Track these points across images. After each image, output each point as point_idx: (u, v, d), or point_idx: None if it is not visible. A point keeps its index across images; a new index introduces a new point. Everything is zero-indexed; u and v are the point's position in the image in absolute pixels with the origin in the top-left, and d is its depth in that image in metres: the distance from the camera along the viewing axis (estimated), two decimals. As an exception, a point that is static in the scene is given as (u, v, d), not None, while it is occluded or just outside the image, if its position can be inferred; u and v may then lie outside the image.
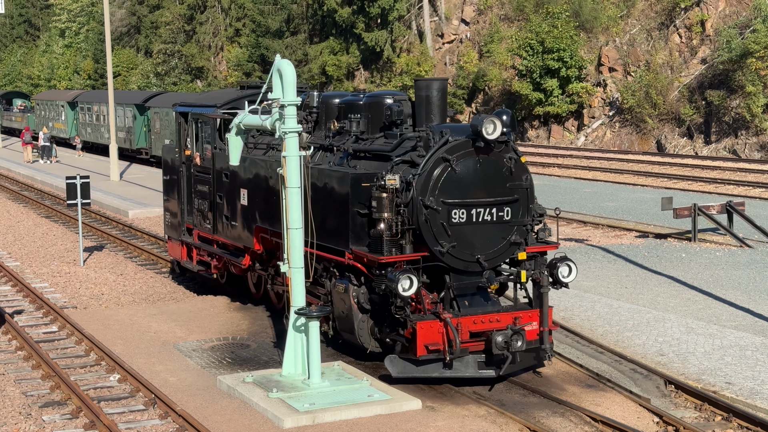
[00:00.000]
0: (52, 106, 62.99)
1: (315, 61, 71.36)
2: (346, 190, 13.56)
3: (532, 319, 13.34)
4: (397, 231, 12.98)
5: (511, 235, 13.49)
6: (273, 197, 15.23)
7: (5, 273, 21.48)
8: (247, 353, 15.32)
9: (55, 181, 38.10)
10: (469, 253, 13.19)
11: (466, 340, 12.86)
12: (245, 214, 16.62)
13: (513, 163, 13.40)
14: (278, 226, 14.67)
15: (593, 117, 52.43)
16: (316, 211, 13.78)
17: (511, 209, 13.42)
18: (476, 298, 13.44)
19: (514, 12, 59.82)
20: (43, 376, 14.30)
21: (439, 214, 12.95)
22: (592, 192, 33.01)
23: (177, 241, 19.93)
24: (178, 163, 19.47)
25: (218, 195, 17.71)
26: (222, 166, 17.38)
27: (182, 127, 19.27)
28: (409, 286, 12.49)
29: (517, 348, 12.78)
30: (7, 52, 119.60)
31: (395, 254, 12.98)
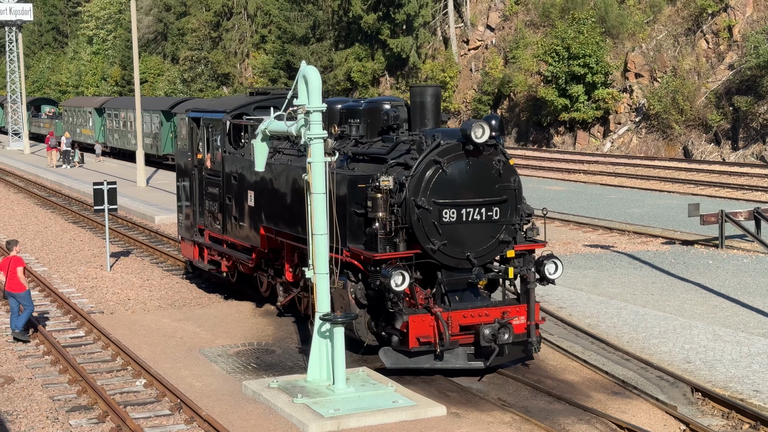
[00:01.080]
0: (79, 112, 63.46)
1: (340, 67, 71.48)
2: (344, 191, 14.22)
3: (520, 314, 13.94)
4: (391, 229, 13.68)
5: (500, 234, 14.12)
6: (277, 199, 16.17)
7: (33, 278, 21.63)
8: (272, 359, 15.35)
9: (83, 187, 38.36)
10: (460, 251, 13.83)
11: (456, 333, 13.54)
12: (252, 214, 17.32)
13: (501, 166, 14.07)
14: (282, 226, 15.93)
15: (619, 123, 52.18)
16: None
17: (500, 209, 14.08)
18: (466, 293, 14.08)
19: (539, 18, 59.68)
20: (70, 380, 14.39)
21: (430, 213, 13.61)
22: (618, 198, 32.86)
23: (189, 241, 20.55)
24: (191, 166, 20.14)
25: (227, 197, 18.37)
26: (231, 169, 18.13)
27: (194, 132, 19.90)
28: (402, 282, 13.13)
29: (504, 340, 13.45)
30: (35, 59, 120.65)
31: (389, 251, 13.64)
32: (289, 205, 15.87)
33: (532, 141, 56.55)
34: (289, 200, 15.90)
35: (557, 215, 28.81)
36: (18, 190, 41.28)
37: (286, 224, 16.02)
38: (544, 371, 14.56)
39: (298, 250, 15.90)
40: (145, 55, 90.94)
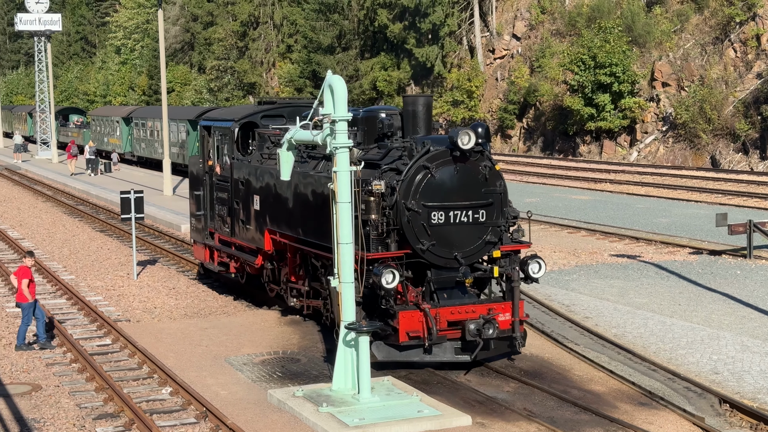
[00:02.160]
0: (107, 121, 63.91)
1: (366, 76, 71.61)
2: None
3: (505, 311, 14.68)
4: (383, 231, 14.46)
5: (486, 235, 14.89)
6: (280, 203, 17.16)
7: (61, 286, 21.79)
8: (297, 367, 15.37)
9: (110, 195, 38.61)
10: (448, 251, 14.60)
11: (444, 329, 14.26)
12: (258, 218, 18.22)
13: (488, 171, 14.85)
14: (285, 229, 17.02)
15: (646, 132, 51.94)
16: (316, 214, 15.64)
17: (486, 212, 14.85)
18: (454, 291, 14.83)
19: (565, 27, 59.54)
20: (97, 388, 14.46)
21: (420, 215, 14.40)
22: (644, 208, 32.68)
23: (201, 244, 21.44)
24: (202, 172, 21.06)
25: (235, 201, 19.26)
26: (238, 175, 19.02)
27: (206, 140, 20.79)
28: (392, 280, 13.86)
29: (488, 335, 14.18)
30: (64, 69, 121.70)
31: (381, 251, 14.40)
32: (291, 208, 16.76)
33: (558, 150, 56.38)
34: (291, 204, 16.77)
35: (583, 224, 28.71)
36: (46, 199, 41.61)
37: (288, 227, 16.95)
38: (570, 381, 14.49)
39: (300, 251, 16.78)
40: (172, 64, 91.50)
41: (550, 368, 15.17)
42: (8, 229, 31.89)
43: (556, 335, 16.84)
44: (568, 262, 23.57)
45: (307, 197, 16.15)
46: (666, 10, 54.21)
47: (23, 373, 15.39)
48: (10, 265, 25.05)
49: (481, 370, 15.02)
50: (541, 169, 47.56)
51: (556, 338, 16.67)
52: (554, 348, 16.30)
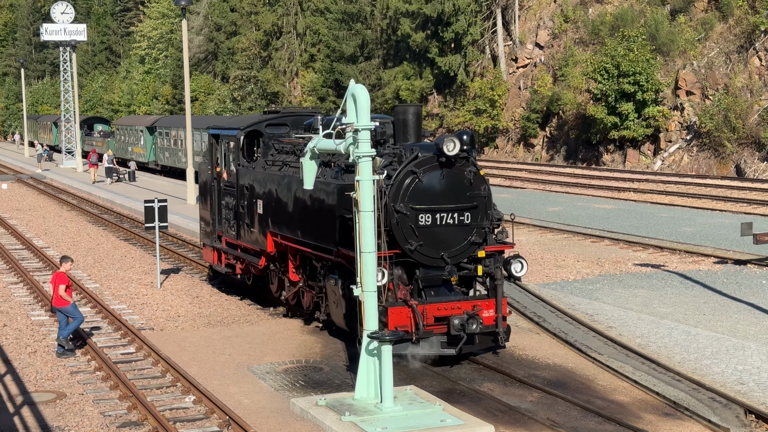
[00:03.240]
0: (131, 131, 64.31)
1: (389, 85, 71.69)
2: (334, 198, 16.00)
3: (489, 307, 15.45)
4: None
5: (471, 236, 15.70)
6: (282, 207, 18.19)
7: (85, 294, 21.92)
8: (320, 376, 15.37)
9: (134, 204, 38.82)
10: (435, 251, 15.41)
11: (431, 324, 15.05)
12: (261, 221, 19.24)
13: (473, 176, 15.59)
14: (285, 231, 18.04)
15: (670, 141, 51.68)
16: (314, 218, 16.73)
17: (471, 214, 15.62)
18: (441, 288, 15.64)
19: (589, 36, 59.40)
20: (121, 396, 14.52)
21: (408, 217, 15.25)
22: (668, 217, 32.50)
23: (210, 247, 22.45)
24: (210, 179, 22.11)
25: (241, 206, 20.28)
26: (244, 180, 20.05)
27: (214, 147, 21.84)
28: (382, 278, 14.61)
29: (472, 330, 14.97)
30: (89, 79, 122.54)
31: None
32: (291, 212, 17.79)
33: (581, 159, 56.20)
34: (291, 208, 17.81)
35: (606, 233, 28.59)
36: (71, 208, 41.89)
37: (289, 229, 17.96)
38: (594, 391, 14.42)
39: (299, 252, 17.86)
40: (196, 74, 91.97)
41: (574, 378, 15.11)
42: (33, 237, 32.12)
43: (580, 345, 16.77)
44: (592, 271, 23.48)
45: (306, 201, 17.09)
46: (690, 19, 53.98)
47: (48, 381, 15.48)
48: (35, 273, 25.23)
49: (504, 380, 14.99)
50: (564, 178, 47.42)
51: (580, 348, 16.61)
52: (577, 357, 16.23)
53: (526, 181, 46.97)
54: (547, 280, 22.50)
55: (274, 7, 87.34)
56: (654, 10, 54.97)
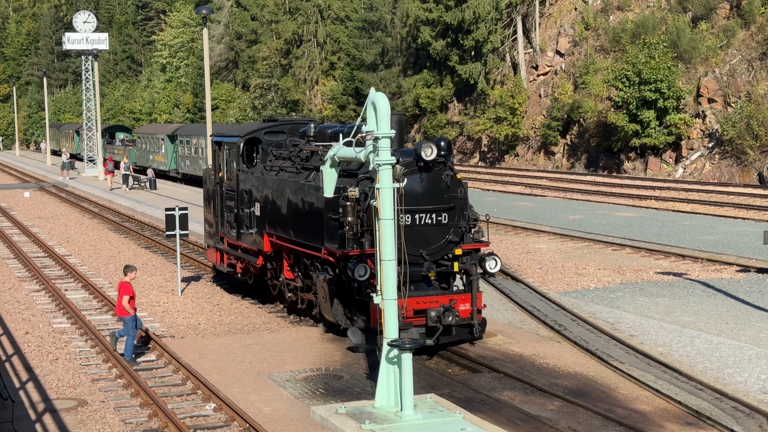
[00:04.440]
0: (152, 139, 64.59)
1: (409, 93, 71.76)
2: (322, 200, 17.06)
3: (465, 301, 16.56)
4: (357, 231, 16.43)
5: (449, 235, 16.79)
6: (276, 209, 19.47)
7: (106, 302, 22.01)
8: (340, 384, 15.36)
9: (155, 212, 38.97)
10: (415, 249, 16.23)
11: (411, 316, 16.00)
12: (258, 222, 20.49)
13: (450, 179, 16.65)
14: (280, 232, 19.32)
15: (692, 149, 51.43)
16: (306, 219, 17.95)
17: (448, 215, 16.73)
18: (421, 284, 16.59)
19: (609, 43, 59.24)
20: (142, 404, 14.56)
21: None
22: (690, 225, 32.31)
23: (213, 248, 23.63)
24: (213, 183, 23.34)
25: (241, 208, 21.52)
26: (243, 185, 21.31)
27: (217, 154, 23.07)
28: (365, 273, 15.83)
29: (448, 322, 16.00)
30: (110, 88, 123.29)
31: (356, 249, 16.45)
32: (285, 213, 19.03)
33: (602, 167, 56.02)
34: (284, 210, 19.05)
35: (627, 242, 28.47)
36: (93, 216, 42.10)
37: (283, 230, 19.22)
38: (615, 400, 14.34)
39: (293, 251, 19.06)
40: (217, 82, 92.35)
41: (595, 387, 15.03)
42: (55, 245, 32.29)
43: (601, 353, 16.69)
44: (613, 279, 23.38)
45: (298, 204, 18.41)
46: (712, 26, 53.74)
47: (69, 389, 15.53)
48: (57, 281, 25.36)
49: (525, 388, 14.93)
50: (584, 186, 47.26)
51: (601, 356, 16.52)
52: (599, 366, 16.15)
53: (546, 189, 46.85)
54: (568, 289, 22.41)
55: (295, 16, 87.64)
56: (675, 17, 54.77)
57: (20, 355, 17.74)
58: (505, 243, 29.53)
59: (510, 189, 48.20)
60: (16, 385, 15.67)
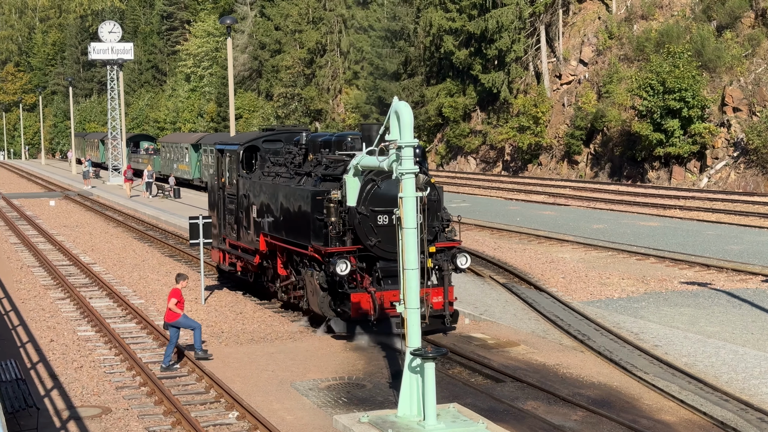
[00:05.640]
0: (176, 148, 64.88)
1: (432, 102, 71.78)
2: (308, 202, 18.92)
3: (438, 294, 18.18)
4: (340, 230, 18.15)
5: (423, 234, 17.15)
6: (271, 212, 21.08)
7: (131, 310, 22.11)
8: (362, 393, 15.35)
9: (179, 221, 39.13)
10: (392, 247, 17.25)
11: (388, 308, 17.52)
12: (255, 224, 22.08)
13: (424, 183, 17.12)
14: (274, 232, 20.92)
15: (717, 158, 51.15)
16: (296, 220, 19.53)
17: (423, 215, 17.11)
18: (397, 278, 16.96)
19: (633, 52, 59.04)
20: (165, 412, 14.60)
21: (368, 218, 18.08)
22: (715, 235, 32.11)
23: (217, 248, 25.11)
24: (217, 188, 24.99)
25: (240, 211, 23.17)
26: (243, 189, 22.95)
27: (220, 161, 24.69)
28: (345, 268, 17.63)
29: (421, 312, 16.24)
30: (135, 97, 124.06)
31: (339, 246, 18.13)
32: (278, 215, 20.66)
33: (626, 176, 55.78)
34: (277, 212, 20.68)
35: (652, 251, 28.32)
36: (117, 224, 42.33)
37: (276, 230, 20.81)
38: (640, 411, 14.25)
39: (286, 249, 20.57)
40: (241, 91, 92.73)
41: (619, 397, 14.95)
42: (80, 254, 32.48)
43: (625, 363, 16.60)
44: (637, 289, 23.26)
45: (289, 206, 20.01)
46: (737, 35, 53.47)
47: (94, 396, 15.61)
48: (81, 289, 25.51)
49: (548, 398, 14.87)
50: (608, 195, 47.08)
51: (625, 366, 16.44)
52: (622, 376, 16.06)
53: (569, 198, 46.70)
54: (592, 298, 22.32)
55: (318, 26, 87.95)
56: (700, 26, 54.53)
57: (45, 362, 17.85)
58: (528, 252, 29.45)
59: (533, 198, 48.09)
60: (41, 393, 15.76)
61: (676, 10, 59.29)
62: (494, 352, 17.86)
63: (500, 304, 22.04)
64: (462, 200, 47.26)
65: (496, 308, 21.52)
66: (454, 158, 72.92)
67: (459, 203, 45.13)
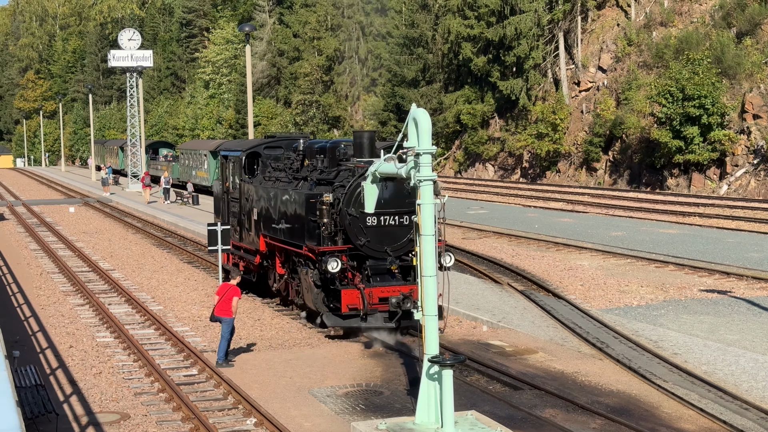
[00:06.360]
0: (195, 155, 65.09)
1: (450, 109, 71.77)
2: (303, 204, 20.04)
3: None
4: (332, 231, 19.22)
5: (410, 235, 18.92)
6: (269, 214, 22.22)
7: (149, 317, 22.18)
8: (380, 400, 15.34)
9: (198, 227, 39.25)
10: (380, 246, 19.22)
11: (376, 303, 18.75)
12: (256, 225, 23.29)
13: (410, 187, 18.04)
14: (273, 233, 22.01)
15: (736, 165, 50.89)
16: (293, 222, 20.63)
17: (409, 217, 18.97)
18: (385, 276, 19.36)
19: (653, 59, 58.84)
20: (183, 418, 14.63)
21: (358, 219, 19.08)
22: (735, 242, 31.93)
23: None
24: (221, 192, 26.35)
25: (242, 214, 24.42)
26: (244, 193, 24.17)
27: (224, 166, 26.04)
28: (336, 266, 18.70)
29: (406, 307, 17.90)
30: (154, 104, 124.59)
31: (330, 246, 19.23)
32: (276, 217, 21.71)
33: (645, 183, 55.58)
34: (276, 214, 21.75)
35: (671, 259, 28.19)
36: (136, 231, 42.49)
37: (274, 231, 21.90)
38: (659, 419, 14.18)
39: (283, 249, 21.66)
40: (259, 98, 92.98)
41: (638, 405, 14.88)
42: (99, 260, 32.63)
43: (644, 371, 16.52)
44: (656, 297, 23.16)
45: (286, 209, 21.10)
46: (757, 42, 53.22)
47: (112, 402, 15.66)
48: (100, 295, 25.62)
49: (566, 406, 14.81)
50: (627, 203, 46.91)
51: (644, 374, 16.36)
52: (641, 384, 15.99)
53: (588, 206, 46.56)
54: (610, 306, 22.24)
55: (337, 33, 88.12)
56: (720, 32, 54.30)
57: (64, 368, 17.93)
58: (547, 259, 29.38)
59: (551, 205, 47.97)
60: (60, 399, 15.83)
61: (695, 17, 59.09)
62: (512, 359, 17.82)
63: (518, 311, 21.99)
64: (480, 207, 47.20)
65: (515, 315, 21.48)
66: (472, 165, 72.87)
67: (477, 210, 45.07)
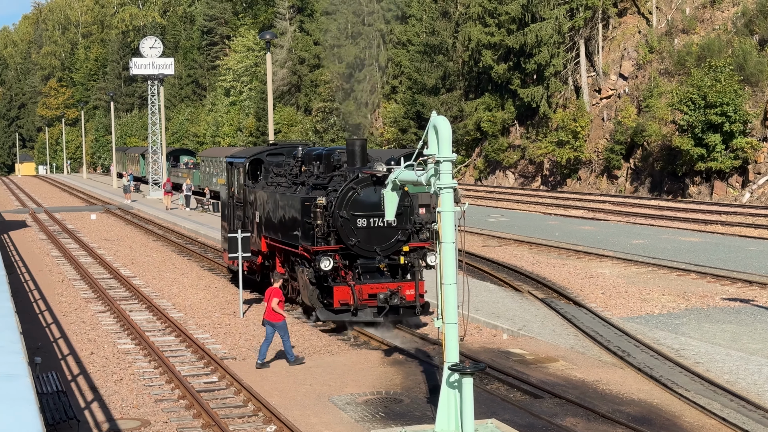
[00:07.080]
0: (215, 162, 65.24)
1: (470, 117, 71.68)
2: (299, 207, 21.63)
3: (410, 288, 20.48)
4: (325, 231, 20.70)
5: (398, 235, 20.95)
6: (270, 217, 23.78)
7: (170, 324, 22.24)
8: (400, 408, 15.31)
9: (218, 235, 39.33)
10: (370, 246, 20.78)
11: (366, 299, 20.31)
12: (258, 228, 24.86)
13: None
14: (273, 234, 23.56)
15: (759, 173, 50.55)
16: (292, 224, 22.03)
17: (397, 219, 20.02)
18: (375, 274, 20.89)
19: (674, 66, 58.59)
20: (204, 425, 14.65)
21: (349, 221, 20.58)
22: (758, 251, 31.70)
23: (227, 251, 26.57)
24: (227, 197, 27.91)
25: (246, 217, 25.98)
26: (248, 198, 25.79)
27: (230, 172, 27.67)
28: (329, 265, 20.27)
29: (394, 303, 19.95)
30: (175, 112, 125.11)
31: (323, 245, 20.65)
32: (276, 219, 23.24)
33: (666, 191, 55.32)
34: (275, 217, 23.28)
35: (693, 267, 28.01)
36: (157, 238, 42.64)
37: (274, 233, 23.52)
38: (680, 428, 14.08)
39: (283, 250, 23.14)
40: (280, 106, 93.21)
41: (659, 414, 14.79)
42: (120, 267, 32.76)
43: (665, 380, 16.42)
44: (678, 305, 23.02)
45: (284, 212, 22.61)
46: (779, 48, 52.91)
47: (133, 409, 15.70)
48: (122, 302, 25.71)
49: (587, 415, 14.73)
50: (648, 210, 46.68)
51: (665, 383, 16.26)
52: (663, 393, 15.88)
53: (609, 213, 46.36)
54: (632, 314, 22.12)
55: (357, 40, 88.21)
56: (742, 40, 54.02)
57: (85, 375, 18.00)
58: (567, 267, 29.27)
59: (572, 213, 47.81)
60: (81, 405, 15.89)
61: (717, 24, 58.80)
62: (533, 367, 17.75)
63: (539, 319, 21.91)
64: (500, 215, 47.09)
65: (535, 324, 21.40)
66: (492, 173, 72.75)
67: (497, 218, 44.97)
